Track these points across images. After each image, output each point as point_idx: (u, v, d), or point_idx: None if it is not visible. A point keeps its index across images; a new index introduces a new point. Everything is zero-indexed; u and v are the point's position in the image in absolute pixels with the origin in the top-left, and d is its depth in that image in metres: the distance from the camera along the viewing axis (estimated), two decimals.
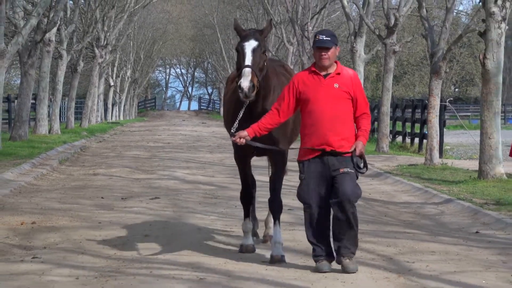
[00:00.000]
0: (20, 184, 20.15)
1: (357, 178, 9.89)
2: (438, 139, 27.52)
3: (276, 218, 11.04)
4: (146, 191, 19.04)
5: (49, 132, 41.07)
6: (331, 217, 9.93)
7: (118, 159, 29.24)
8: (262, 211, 12.98)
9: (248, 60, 10.17)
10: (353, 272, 9.77)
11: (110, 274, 10.27)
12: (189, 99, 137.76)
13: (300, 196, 10.10)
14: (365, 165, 9.95)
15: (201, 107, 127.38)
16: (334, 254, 10.00)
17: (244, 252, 11.23)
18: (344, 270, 9.79)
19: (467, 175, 21.82)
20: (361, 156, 9.85)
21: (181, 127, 60.10)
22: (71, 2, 43.17)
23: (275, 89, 10.81)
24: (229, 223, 13.64)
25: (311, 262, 11.07)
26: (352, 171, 9.75)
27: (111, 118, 73.70)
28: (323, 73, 9.92)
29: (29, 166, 23.86)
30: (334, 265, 10.21)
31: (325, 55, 9.79)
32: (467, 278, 10.25)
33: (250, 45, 10.31)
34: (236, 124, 10.39)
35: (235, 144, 10.69)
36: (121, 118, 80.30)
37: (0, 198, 17.37)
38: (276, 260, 10.55)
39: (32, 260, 11.15)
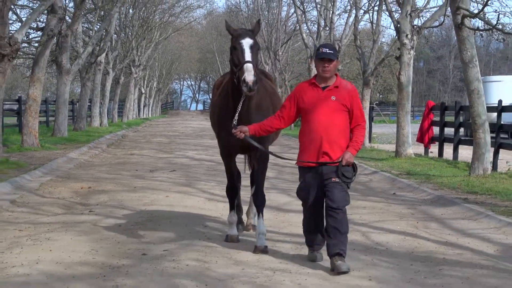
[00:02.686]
0: (80, 160, 20.13)
1: (348, 187, 7.73)
2: (368, 130, 27.74)
3: (260, 211, 8.68)
4: (167, 166, 19.02)
5: (100, 125, 41.08)
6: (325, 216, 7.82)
7: (147, 143, 29.19)
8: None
9: (248, 56, 7.81)
10: (346, 272, 7.35)
11: (142, 222, 10.30)
12: (197, 102, 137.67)
13: (299, 195, 7.94)
14: (354, 173, 7.75)
15: (205, 108, 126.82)
16: (323, 242, 7.84)
17: (230, 241, 8.80)
18: (337, 270, 7.36)
19: (387, 155, 21.92)
20: (352, 165, 7.69)
21: (191, 122, 60.02)
22: (115, 35, 43.05)
23: (261, 88, 8.39)
24: (224, 187, 13.66)
25: (282, 215, 11.11)
26: (340, 180, 7.60)
27: (143, 115, 73.48)
28: (322, 85, 7.70)
29: (86, 148, 23.83)
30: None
31: (327, 67, 7.60)
32: (387, 225, 10.33)
33: (247, 42, 7.93)
34: (236, 117, 8.07)
35: (222, 143, 8.85)
36: (150, 115, 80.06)
37: (67, 171, 17.39)
38: (260, 250, 8.35)
39: (89, 213, 11.18)
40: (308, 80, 7.98)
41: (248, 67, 7.71)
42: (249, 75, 7.64)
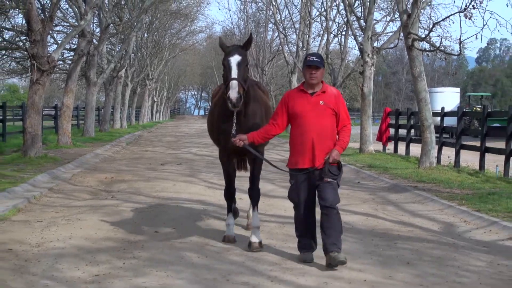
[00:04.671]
0: (105, 156, 20.08)
1: (338, 185, 6.84)
2: None
3: (255, 204, 7.69)
4: (175, 160, 18.99)
5: (121, 127, 40.94)
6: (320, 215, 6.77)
7: (159, 142, 29.13)
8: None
9: (234, 73, 6.83)
10: (343, 263, 6.47)
11: (155, 206, 10.30)
12: (199, 108, 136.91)
13: (290, 197, 6.91)
14: (339, 170, 6.84)
15: (206, 113, 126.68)
16: (315, 246, 6.90)
17: (227, 241, 7.65)
18: (334, 262, 6.45)
19: (353, 151, 21.92)
20: (338, 164, 6.81)
21: (194, 124, 59.91)
22: (133, 54, 42.95)
23: (255, 99, 7.46)
24: (221, 177, 13.60)
25: (267, 200, 11.09)
26: (334, 181, 6.73)
27: (155, 119, 73.23)
28: (310, 91, 6.77)
29: (109, 146, 23.76)
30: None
31: (314, 73, 6.69)
32: (352, 208, 10.35)
33: (235, 59, 6.92)
34: (234, 127, 7.05)
35: (221, 147, 7.78)
36: (161, 119, 79.75)
37: (94, 164, 17.33)
38: (254, 248, 7.24)
39: (111, 198, 11.16)
40: (296, 87, 7.01)
41: (233, 84, 6.77)
42: (232, 92, 6.72)
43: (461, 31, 14.88)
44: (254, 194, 7.69)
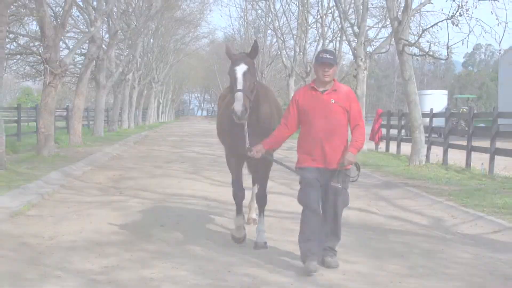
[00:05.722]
0: (113, 154, 20.06)
1: (347, 187, 6.32)
2: None
3: (262, 210, 7.24)
4: (179, 158, 18.97)
5: (128, 127, 40.88)
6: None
7: (164, 141, 29.12)
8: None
9: (240, 84, 6.26)
10: (335, 267, 6.18)
11: (160, 201, 10.30)
12: (202, 110, 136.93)
13: (299, 199, 6.18)
14: (358, 172, 6.40)
15: (208, 114, 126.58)
16: (320, 251, 6.23)
17: (236, 242, 7.17)
18: (327, 266, 6.17)
19: None
20: (355, 164, 6.31)
21: (197, 125, 59.92)
22: (139, 59, 42.95)
23: (264, 100, 6.82)
24: (223, 174, 13.62)
25: (270, 196, 11.09)
26: (341, 186, 6.15)
27: (161, 120, 73.21)
28: (321, 89, 6.16)
29: (118, 145, 23.73)
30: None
31: (327, 71, 6.10)
32: None
33: (241, 69, 6.36)
34: (247, 140, 6.40)
35: (229, 151, 7.15)
36: (166, 120, 79.75)
37: (103, 162, 17.32)
38: (260, 246, 6.95)
39: (119, 194, 11.17)
40: (307, 85, 6.42)
41: (238, 96, 6.21)
42: (237, 105, 6.15)
43: (449, 37, 14.89)
44: (261, 200, 7.24)
